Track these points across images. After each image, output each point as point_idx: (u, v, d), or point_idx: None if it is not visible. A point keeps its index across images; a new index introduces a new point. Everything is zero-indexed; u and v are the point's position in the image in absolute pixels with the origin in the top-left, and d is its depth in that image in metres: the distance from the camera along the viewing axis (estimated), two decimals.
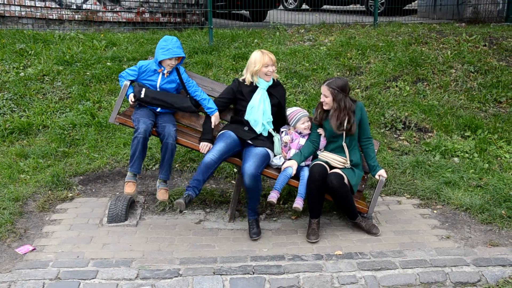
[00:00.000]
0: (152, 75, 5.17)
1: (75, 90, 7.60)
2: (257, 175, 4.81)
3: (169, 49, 5.05)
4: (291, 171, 4.94)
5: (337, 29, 10.13)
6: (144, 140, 4.90)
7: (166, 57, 5.04)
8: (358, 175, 5.04)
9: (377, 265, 4.39)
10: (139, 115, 5.03)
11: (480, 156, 6.41)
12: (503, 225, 5.08)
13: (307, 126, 5.22)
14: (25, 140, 6.76)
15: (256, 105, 5.06)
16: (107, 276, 4.22)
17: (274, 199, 4.89)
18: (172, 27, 10.72)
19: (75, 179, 6.05)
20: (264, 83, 5.13)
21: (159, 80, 5.16)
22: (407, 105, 7.36)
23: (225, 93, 5.27)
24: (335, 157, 5.01)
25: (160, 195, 5.05)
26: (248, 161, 4.85)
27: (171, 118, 5.20)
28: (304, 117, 5.23)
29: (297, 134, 5.22)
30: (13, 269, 4.31)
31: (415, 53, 8.51)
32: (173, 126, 5.07)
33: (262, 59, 5.07)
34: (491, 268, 4.37)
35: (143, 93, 5.03)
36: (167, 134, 4.95)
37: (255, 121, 5.07)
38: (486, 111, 7.44)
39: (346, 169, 4.98)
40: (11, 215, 5.16)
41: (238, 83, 5.23)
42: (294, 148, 5.16)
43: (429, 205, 5.59)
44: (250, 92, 5.13)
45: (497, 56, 8.59)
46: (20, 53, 8.44)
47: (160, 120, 5.12)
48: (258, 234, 4.97)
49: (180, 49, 5.14)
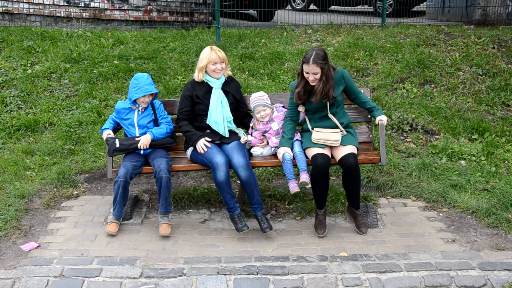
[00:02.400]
0: (128, 113, 5.24)
1: (82, 88, 7.62)
2: (249, 164, 4.86)
3: (140, 88, 5.11)
4: (289, 156, 4.94)
5: (344, 30, 10.11)
6: (125, 183, 4.87)
7: (139, 96, 5.11)
8: (354, 134, 5.10)
9: (382, 267, 4.37)
10: (124, 160, 5.08)
11: (487, 159, 6.37)
12: (509, 229, 5.04)
13: (263, 115, 5.14)
14: (32, 137, 6.78)
15: (214, 107, 5.04)
16: (111, 274, 4.22)
17: (297, 189, 4.88)
18: (179, 26, 10.72)
19: (81, 177, 6.06)
20: (216, 82, 5.10)
21: (135, 117, 5.23)
22: (414, 107, 7.33)
23: (184, 105, 5.14)
24: (328, 136, 4.94)
25: (162, 230, 4.91)
26: (234, 156, 4.88)
27: (160, 152, 5.15)
28: (258, 106, 5.14)
29: (264, 124, 5.18)
30: (18, 266, 4.33)
31: (423, 55, 8.47)
32: (162, 158, 5.01)
33: (209, 56, 5.03)
34: (497, 272, 4.34)
35: (118, 143, 5.04)
36: (157, 169, 4.92)
37: (216, 123, 5.05)
38: (494, 114, 7.39)
39: (346, 139, 4.96)
40: (17, 212, 5.18)
41: (191, 85, 5.16)
42: (273, 135, 5.15)
43: (435, 208, 5.56)
44: (205, 94, 5.09)
45: (506, 59, 8.54)
46: (27, 50, 8.47)
47: (151, 158, 5.13)
48: (271, 227, 4.91)
49: (151, 86, 5.19)
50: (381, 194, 5.83)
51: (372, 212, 5.26)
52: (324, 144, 4.95)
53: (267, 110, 5.16)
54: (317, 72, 4.78)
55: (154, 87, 5.22)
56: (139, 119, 5.22)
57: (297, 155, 4.98)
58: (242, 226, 4.88)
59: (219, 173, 4.79)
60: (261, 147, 5.20)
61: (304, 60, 4.83)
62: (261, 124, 5.20)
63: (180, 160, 5.26)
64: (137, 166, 5.04)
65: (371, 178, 5.99)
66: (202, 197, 5.67)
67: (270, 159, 5.15)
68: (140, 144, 5.06)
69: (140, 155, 5.15)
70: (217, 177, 4.81)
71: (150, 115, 5.26)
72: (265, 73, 8.11)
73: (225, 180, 4.81)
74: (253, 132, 5.24)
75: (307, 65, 4.79)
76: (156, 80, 7.86)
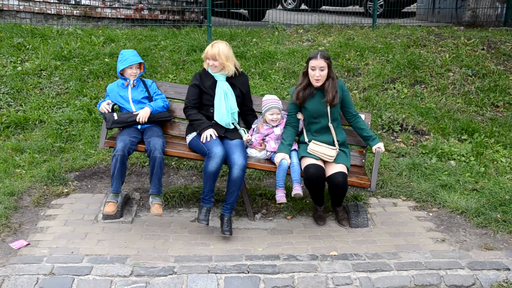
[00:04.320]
0: (121, 90, 5.25)
1: (72, 85, 7.58)
2: (245, 167, 4.88)
3: (126, 59, 5.20)
4: (286, 164, 4.94)
5: (336, 30, 10.14)
6: (122, 158, 4.81)
7: (124, 66, 5.16)
8: (348, 155, 5.11)
9: (372, 266, 4.39)
10: (120, 135, 5.03)
11: (476, 159, 6.42)
12: (498, 229, 5.08)
13: (275, 118, 5.15)
14: (21, 134, 6.74)
15: (218, 99, 5.05)
16: (101, 273, 4.20)
17: (284, 199, 4.89)
18: (170, 25, 10.70)
19: (71, 175, 6.03)
20: (219, 76, 5.10)
21: (129, 92, 5.24)
22: (405, 108, 7.37)
23: (192, 93, 5.15)
24: (324, 150, 4.96)
25: (154, 209, 4.87)
26: (234, 153, 4.88)
27: (156, 131, 5.14)
28: (274, 108, 5.15)
29: (269, 128, 5.18)
30: (7, 264, 4.30)
31: (413, 55, 8.52)
32: (158, 139, 4.98)
33: (206, 51, 5.07)
34: (486, 271, 4.37)
35: (116, 116, 5.04)
36: (152, 148, 4.89)
37: (220, 114, 5.05)
38: (483, 115, 7.45)
39: (339, 157, 4.99)
40: (6, 209, 5.14)
41: (199, 76, 5.18)
42: (272, 140, 5.15)
43: (424, 207, 5.60)
44: (211, 85, 5.09)
45: (495, 60, 8.61)
46: (17, 48, 8.41)
47: (146, 136, 5.10)
48: (231, 233, 4.90)
49: (137, 57, 5.26)
50: (372, 194, 5.85)
51: (363, 211, 5.28)
52: (318, 156, 4.97)
53: (280, 115, 5.18)
54: (324, 67, 4.86)
55: (140, 57, 5.28)
56: (133, 94, 5.22)
57: (294, 166, 4.97)
58: (203, 220, 4.86)
59: (212, 163, 4.77)
60: (258, 150, 5.19)
61: (311, 56, 4.93)
62: (265, 127, 5.19)
63: (175, 146, 5.22)
64: (134, 142, 4.99)
65: None
66: (193, 195, 5.66)
67: (264, 163, 5.12)
68: (139, 116, 5.06)
69: (137, 131, 5.13)
70: (209, 166, 4.78)
71: (144, 91, 5.28)
72: (256, 72, 8.11)
73: (214, 172, 4.79)
74: (253, 134, 5.23)
75: (315, 60, 4.87)
76: (147, 78, 7.84)
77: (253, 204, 5.57)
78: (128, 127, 5.11)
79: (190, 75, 7.85)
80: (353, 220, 5.20)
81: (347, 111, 5.15)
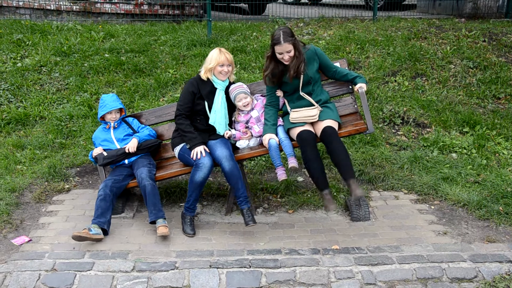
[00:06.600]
0: (104, 134, 5.32)
1: (72, 81, 7.57)
2: (232, 155, 4.89)
3: (106, 105, 5.28)
4: (275, 142, 4.92)
5: (336, 23, 10.10)
6: (104, 196, 4.83)
7: (104, 112, 5.25)
8: (334, 109, 5.06)
9: (374, 260, 4.38)
10: (109, 175, 5.15)
11: (478, 152, 6.40)
12: (500, 222, 5.07)
13: (245, 102, 5.13)
14: (22, 131, 6.73)
15: (218, 108, 5.06)
16: (103, 268, 4.21)
17: (284, 176, 4.88)
18: (170, 19, 10.67)
19: (72, 171, 6.03)
20: (221, 84, 5.11)
21: (112, 134, 5.30)
22: (406, 100, 7.35)
23: (187, 100, 5.08)
24: (304, 114, 4.92)
25: (159, 231, 4.73)
26: (217, 150, 4.90)
27: (142, 161, 5.15)
28: (239, 94, 5.13)
29: (246, 114, 5.18)
30: (9, 260, 4.30)
31: (414, 48, 8.48)
32: (143, 168, 5.03)
33: (218, 58, 5.04)
34: (488, 264, 4.37)
35: (105, 153, 5.11)
36: (139, 178, 4.93)
37: (218, 123, 5.07)
38: (484, 107, 7.42)
39: (324, 113, 4.94)
40: (8, 206, 5.15)
41: (196, 82, 5.14)
42: (254, 124, 5.15)
43: (426, 200, 5.59)
44: (209, 93, 5.08)
45: (497, 52, 8.57)
46: (17, 44, 8.40)
47: (134, 169, 5.15)
48: (254, 221, 4.85)
49: (116, 102, 5.32)
50: (373, 187, 5.85)
51: (364, 205, 5.26)
52: (302, 121, 4.92)
53: (248, 98, 5.15)
54: (290, 50, 4.77)
55: (120, 103, 5.34)
56: (117, 135, 5.29)
57: (283, 141, 4.96)
58: (191, 231, 4.89)
59: (199, 173, 4.79)
60: (246, 139, 5.18)
61: (274, 42, 4.79)
62: (242, 115, 5.19)
63: (172, 166, 5.26)
64: (118, 180, 5.03)
65: (363, 171, 6.00)
66: None
67: (257, 149, 5.12)
68: (128, 147, 5.11)
69: (124, 168, 5.19)
70: (196, 176, 4.80)
71: (126, 129, 5.35)
72: (256, 66, 8.09)
73: (201, 182, 4.82)
74: (235, 125, 5.23)
75: (279, 46, 4.75)
76: (147, 73, 7.83)
77: (255, 198, 5.57)
78: (118, 161, 5.18)
79: (190, 70, 7.83)
80: (354, 214, 5.19)
81: (328, 71, 5.11)
